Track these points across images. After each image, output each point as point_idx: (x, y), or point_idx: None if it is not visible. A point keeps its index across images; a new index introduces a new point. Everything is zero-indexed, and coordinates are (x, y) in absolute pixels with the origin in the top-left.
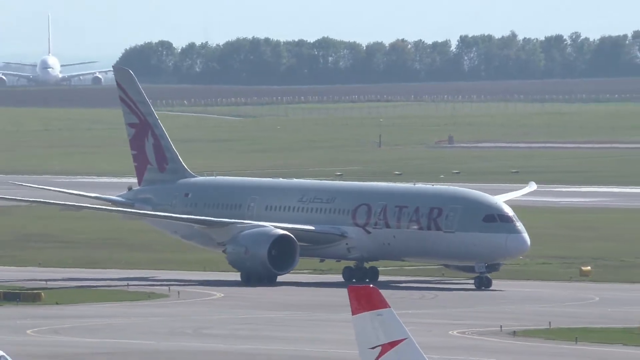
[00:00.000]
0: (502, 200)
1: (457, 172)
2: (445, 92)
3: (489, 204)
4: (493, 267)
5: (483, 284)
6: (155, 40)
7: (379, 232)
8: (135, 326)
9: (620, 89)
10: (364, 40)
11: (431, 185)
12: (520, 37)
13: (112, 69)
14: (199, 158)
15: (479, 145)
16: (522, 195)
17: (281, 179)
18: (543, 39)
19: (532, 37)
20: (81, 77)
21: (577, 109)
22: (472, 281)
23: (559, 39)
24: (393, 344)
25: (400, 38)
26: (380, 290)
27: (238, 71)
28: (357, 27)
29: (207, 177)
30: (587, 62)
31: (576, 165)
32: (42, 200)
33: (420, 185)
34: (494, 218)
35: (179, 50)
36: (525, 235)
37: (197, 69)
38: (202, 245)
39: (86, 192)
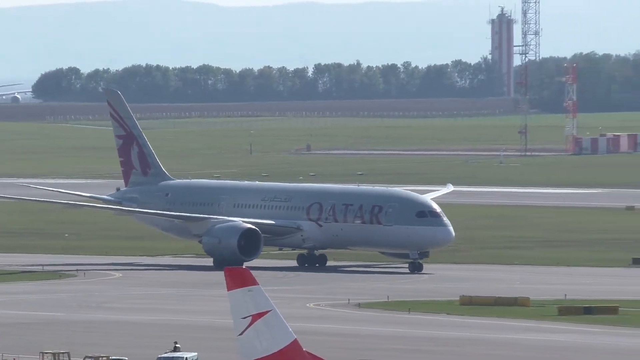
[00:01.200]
0: (430, 198)
1: (313, 175)
2: (303, 109)
3: (420, 202)
4: (424, 254)
5: (416, 268)
6: (65, 66)
7: (329, 225)
8: (49, 301)
9: (443, 107)
10: (237, 67)
11: (372, 187)
12: (364, 65)
13: (30, 90)
14: (105, 163)
15: (331, 152)
16: (442, 194)
17: (246, 181)
18: (382, 66)
19: (373, 65)
20: (4, 96)
21: (410, 123)
22: (407, 265)
23: (394, 67)
24: (261, 314)
25: (267, 65)
26: (251, 271)
27: (134, 92)
28: (232, 56)
29: (183, 180)
30: (417, 85)
31: (409, 169)
32: (48, 200)
33: (363, 187)
34: (425, 214)
35: (86, 75)
36: (451, 228)
37: (100, 90)
38: (178, 237)
39: (80, 192)
